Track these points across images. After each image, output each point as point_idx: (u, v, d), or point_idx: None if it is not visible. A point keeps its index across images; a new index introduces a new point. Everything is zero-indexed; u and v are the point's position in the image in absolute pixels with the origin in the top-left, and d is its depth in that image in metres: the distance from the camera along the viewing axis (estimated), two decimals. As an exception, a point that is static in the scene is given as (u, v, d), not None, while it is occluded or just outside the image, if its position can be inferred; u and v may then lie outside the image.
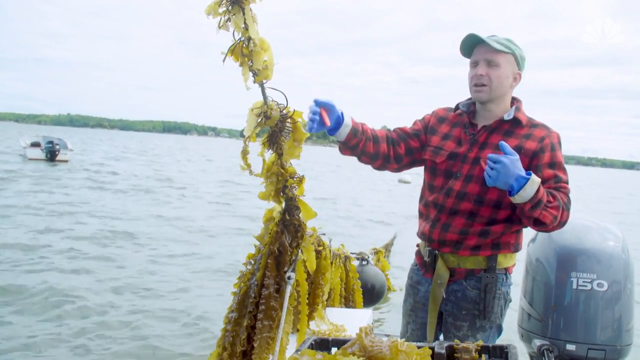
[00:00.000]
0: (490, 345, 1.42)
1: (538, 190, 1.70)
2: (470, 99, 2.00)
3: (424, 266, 2.04)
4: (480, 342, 1.42)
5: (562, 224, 1.79)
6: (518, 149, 1.81)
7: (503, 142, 1.74)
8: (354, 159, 2.01)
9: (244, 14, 1.43)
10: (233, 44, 1.48)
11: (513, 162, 1.68)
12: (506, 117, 1.90)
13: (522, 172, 1.69)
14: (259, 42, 1.48)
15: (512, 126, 1.91)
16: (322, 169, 35.02)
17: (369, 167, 2.05)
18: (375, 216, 13.77)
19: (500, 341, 1.47)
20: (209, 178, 21.49)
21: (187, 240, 8.76)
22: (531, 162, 1.83)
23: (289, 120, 1.63)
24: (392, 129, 2.09)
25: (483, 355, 1.41)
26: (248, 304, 1.78)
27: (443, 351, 1.38)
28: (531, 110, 1.97)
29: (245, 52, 1.48)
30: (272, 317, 1.74)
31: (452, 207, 1.90)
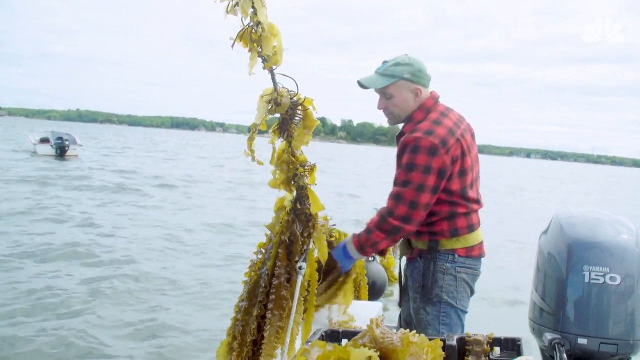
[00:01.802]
0: (503, 337, 1.40)
1: (352, 243, 2.07)
2: None
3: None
4: (492, 335, 1.40)
5: (394, 230, 2.00)
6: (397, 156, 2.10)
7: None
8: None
9: (252, -3, 1.40)
10: (242, 30, 1.45)
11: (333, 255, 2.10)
12: (398, 133, 2.16)
13: (339, 251, 2.10)
14: (268, 27, 1.45)
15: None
16: (327, 164, 34.94)
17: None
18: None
19: (511, 335, 1.45)
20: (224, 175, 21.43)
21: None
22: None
23: (299, 107, 1.60)
24: None
25: (495, 347, 1.40)
26: (259, 294, 1.77)
27: (454, 343, 1.36)
28: (538, 107, 2.00)
29: (255, 37, 1.45)
30: (282, 307, 1.74)
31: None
